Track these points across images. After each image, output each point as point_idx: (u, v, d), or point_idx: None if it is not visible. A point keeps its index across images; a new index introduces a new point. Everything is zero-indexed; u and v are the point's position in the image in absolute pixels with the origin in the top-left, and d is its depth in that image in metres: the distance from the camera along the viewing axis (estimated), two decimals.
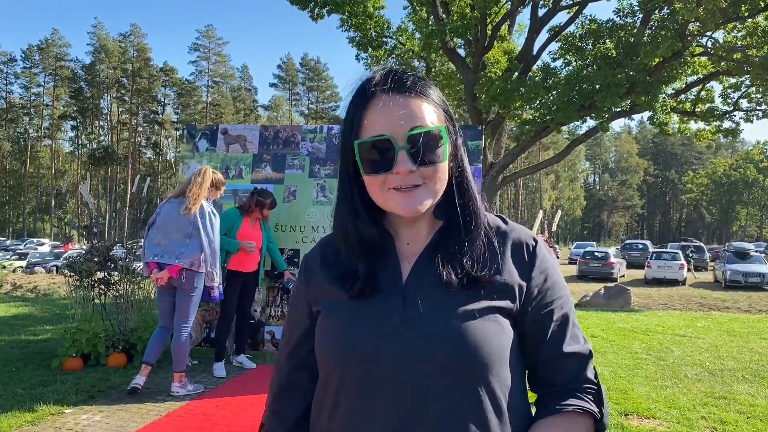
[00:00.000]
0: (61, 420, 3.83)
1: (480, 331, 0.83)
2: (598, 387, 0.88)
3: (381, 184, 0.86)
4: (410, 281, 0.89)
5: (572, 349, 0.88)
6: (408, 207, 0.86)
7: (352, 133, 0.87)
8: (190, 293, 4.37)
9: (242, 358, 5.33)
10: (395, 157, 0.84)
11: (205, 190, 4.44)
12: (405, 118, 0.84)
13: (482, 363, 0.82)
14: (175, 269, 4.29)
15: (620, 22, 13.01)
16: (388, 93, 0.86)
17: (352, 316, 0.88)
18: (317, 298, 0.95)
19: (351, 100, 0.90)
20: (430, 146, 0.85)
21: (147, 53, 64.17)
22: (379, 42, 14.84)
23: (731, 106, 14.32)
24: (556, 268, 0.94)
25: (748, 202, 64.85)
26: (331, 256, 0.96)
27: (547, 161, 17.02)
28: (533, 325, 0.88)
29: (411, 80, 0.88)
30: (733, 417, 4.27)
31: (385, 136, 0.84)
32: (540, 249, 0.92)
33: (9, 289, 13.88)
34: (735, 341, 7.85)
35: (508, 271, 0.88)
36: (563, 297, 0.91)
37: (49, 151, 62.96)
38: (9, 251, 31.02)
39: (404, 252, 0.93)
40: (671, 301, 14.37)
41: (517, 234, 0.93)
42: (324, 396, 0.91)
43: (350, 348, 0.86)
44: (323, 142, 5.75)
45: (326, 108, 73.84)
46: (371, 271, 0.90)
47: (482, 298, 0.85)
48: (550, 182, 69.27)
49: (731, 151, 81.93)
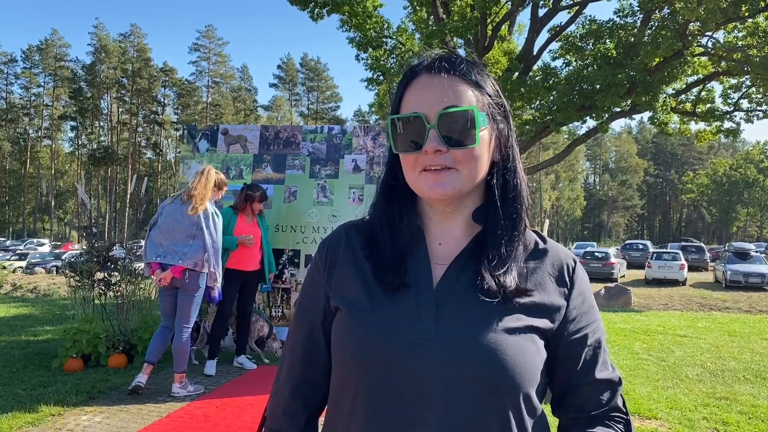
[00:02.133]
0: (62, 421, 3.82)
1: (518, 349, 0.78)
2: (627, 417, 0.86)
3: (413, 164, 0.84)
4: (442, 286, 0.84)
5: (604, 376, 0.86)
6: (435, 187, 0.82)
7: (392, 110, 0.85)
8: (193, 293, 4.37)
9: (242, 359, 5.31)
10: (426, 136, 0.81)
11: (210, 190, 4.44)
12: (440, 97, 0.82)
13: (515, 383, 0.78)
14: (179, 270, 4.29)
15: (620, 22, 13.01)
16: (430, 72, 0.84)
17: (380, 319, 0.82)
18: (337, 291, 0.89)
19: (401, 78, 0.88)
20: (461, 127, 0.81)
21: (147, 53, 64.18)
22: (379, 42, 14.83)
23: (731, 106, 14.32)
24: (590, 290, 0.92)
25: (748, 202, 64.82)
26: (358, 242, 0.91)
27: (547, 161, 17.01)
28: (567, 349, 0.85)
29: (459, 62, 0.85)
30: (735, 418, 4.26)
31: (418, 113, 0.81)
32: (579, 270, 0.89)
33: (9, 289, 13.88)
34: (736, 342, 7.84)
35: (548, 290, 0.85)
36: (597, 321, 0.89)
37: (49, 152, 62.95)
38: (9, 251, 31.02)
39: (435, 253, 0.88)
40: (671, 302, 14.38)
41: (556, 253, 0.90)
42: (340, 400, 0.85)
43: (376, 355, 0.80)
44: (324, 143, 5.74)
45: (326, 108, 73.88)
46: (407, 266, 0.86)
47: (521, 314, 0.81)
48: (550, 182, 69.25)
49: (731, 151, 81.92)
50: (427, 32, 12.58)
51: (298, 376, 0.93)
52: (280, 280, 5.61)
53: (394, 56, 15.20)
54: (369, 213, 0.93)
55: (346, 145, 5.69)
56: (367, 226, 0.93)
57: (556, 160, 16.83)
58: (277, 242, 5.52)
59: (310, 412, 0.93)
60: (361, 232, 0.92)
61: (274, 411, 0.95)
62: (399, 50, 15.32)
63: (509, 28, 15.03)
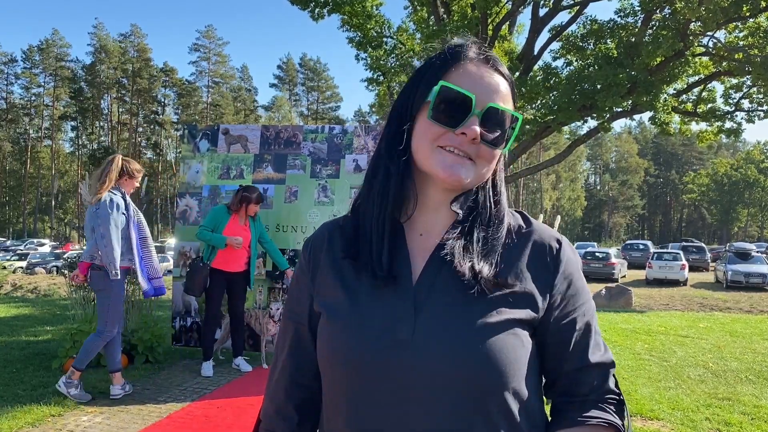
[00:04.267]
0: (62, 421, 3.81)
1: (499, 346, 0.77)
2: (620, 398, 0.85)
3: (434, 138, 0.82)
4: (422, 281, 0.82)
5: (596, 359, 0.84)
6: (452, 170, 0.80)
7: (436, 76, 0.83)
8: (101, 293, 4.15)
9: (239, 361, 5.27)
10: (467, 119, 0.80)
11: (112, 180, 4.15)
12: (491, 90, 0.82)
13: (498, 380, 0.76)
14: (84, 266, 4.10)
15: (621, 21, 13.00)
16: (482, 61, 0.85)
17: (358, 322, 0.81)
18: (319, 295, 0.88)
19: (441, 53, 0.86)
20: (502, 128, 0.82)
21: (147, 53, 64.20)
22: (379, 42, 14.83)
23: (733, 106, 14.30)
24: (580, 271, 0.88)
25: (748, 202, 64.78)
26: (339, 243, 0.89)
27: (548, 161, 17.01)
28: (555, 335, 0.83)
29: (498, 59, 0.86)
30: (738, 418, 4.25)
31: (470, 94, 0.80)
32: (564, 252, 0.86)
33: (9, 289, 13.87)
34: (738, 342, 7.82)
35: (529, 277, 0.82)
36: (586, 303, 0.86)
37: (50, 152, 62.96)
38: (9, 252, 31.02)
39: (416, 245, 0.86)
40: (672, 302, 14.36)
41: (539, 235, 0.87)
42: (330, 401, 0.86)
43: (356, 361, 0.79)
44: (324, 142, 5.73)
45: (326, 108, 73.86)
46: (392, 261, 0.83)
47: (502, 307, 0.79)
48: (551, 182, 69.23)
49: (732, 151, 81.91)
50: (427, 32, 12.58)
51: (288, 377, 0.93)
52: (280, 280, 5.59)
53: (394, 56, 15.19)
54: (357, 200, 0.90)
55: (347, 144, 5.68)
56: (349, 223, 0.90)
57: (556, 160, 16.82)
58: (278, 242, 5.49)
59: (303, 412, 0.93)
60: (343, 231, 0.90)
61: (267, 412, 0.95)
62: (399, 50, 15.31)
63: (510, 28, 15.03)
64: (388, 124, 0.88)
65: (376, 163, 0.88)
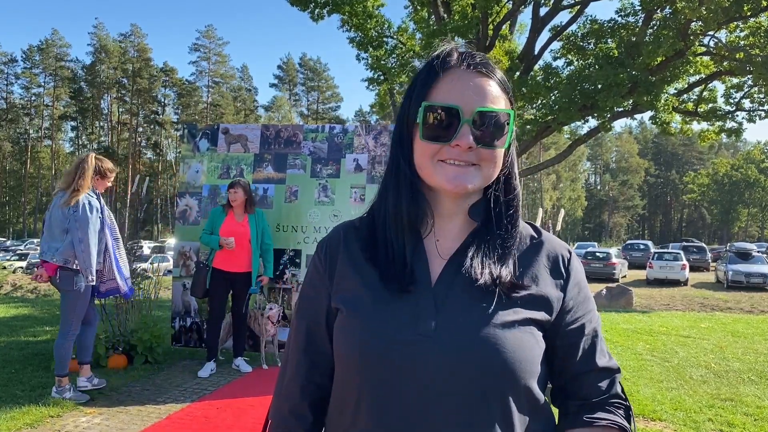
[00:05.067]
0: (61, 422, 3.79)
1: (517, 342, 0.80)
2: (627, 404, 0.87)
3: (433, 154, 0.84)
4: (441, 282, 0.85)
5: (603, 364, 0.87)
6: (456, 181, 0.83)
7: (420, 96, 0.85)
8: (66, 294, 4.12)
9: (239, 361, 5.24)
10: (458, 130, 0.81)
11: (88, 180, 4.12)
12: (478, 94, 0.83)
13: (516, 376, 0.79)
14: (52, 267, 4.07)
15: (622, 21, 12.98)
16: (465, 67, 0.85)
17: (380, 319, 0.83)
18: (338, 292, 0.90)
19: (425, 66, 0.88)
20: (496, 128, 0.83)
21: (147, 53, 64.18)
22: (379, 42, 14.81)
23: (734, 106, 14.28)
24: (585, 280, 0.94)
25: (749, 202, 64.78)
26: (357, 243, 0.91)
27: (549, 161, 16.99)
28: (564, 339, 0.87)
29: (483, 60, 0.87)
30: (740, 419, 4.23)
31: (455, 105, 0.81)
32: (574, 261, 0.91)
33: (9, 289, 13.84)
34: (740, 342, 7.80)
35: (545, 282, 0.86)
36: (593, 311, 0.91)
37: (50, 152, 62.97)
38: (9, 252, 31.00)
39: (433, 249, 0.88)
40: (673, 302, 14.35)
41: (551, 244, 0.91)
42: (343, 400, 0.87)
43: (377, 355, 0.81)
44: (325, 142, 5.71)
45: (326, 108, 73.84)
46: (413, 267, 0.86)
47: (519, 307, 0.82)
48: (551, 182, 69.20)
49: (732, 151, 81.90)
50: (428, 32, 12.55)
51: (303, 376, 0.94)
52: (280, 280, 5.57)
53: (394, 56, 15.17)
54: (373, 208, 0.93)
55: (347, 144, 5.66)
56: (365, 225, 0.93)
57: (557, 160, 16.80)
58: (278, 242, 5.47)
59: (316, 412, 0.94)
60: (359, 233, 0.92)
61: (280, 411, 0.95)
62: (399, 50, 15.29)
63: (510, 28, 15.00)
64: (392, 146, 0.92)
65: (386, 183, 0.92)
